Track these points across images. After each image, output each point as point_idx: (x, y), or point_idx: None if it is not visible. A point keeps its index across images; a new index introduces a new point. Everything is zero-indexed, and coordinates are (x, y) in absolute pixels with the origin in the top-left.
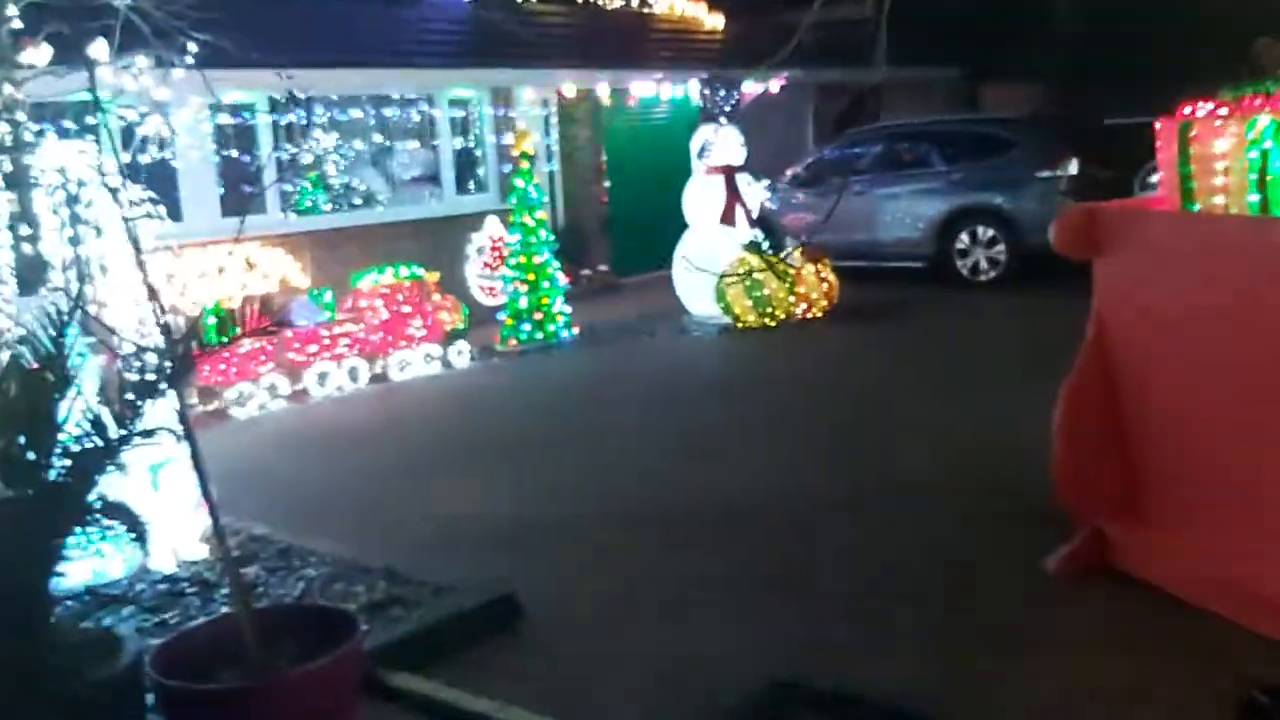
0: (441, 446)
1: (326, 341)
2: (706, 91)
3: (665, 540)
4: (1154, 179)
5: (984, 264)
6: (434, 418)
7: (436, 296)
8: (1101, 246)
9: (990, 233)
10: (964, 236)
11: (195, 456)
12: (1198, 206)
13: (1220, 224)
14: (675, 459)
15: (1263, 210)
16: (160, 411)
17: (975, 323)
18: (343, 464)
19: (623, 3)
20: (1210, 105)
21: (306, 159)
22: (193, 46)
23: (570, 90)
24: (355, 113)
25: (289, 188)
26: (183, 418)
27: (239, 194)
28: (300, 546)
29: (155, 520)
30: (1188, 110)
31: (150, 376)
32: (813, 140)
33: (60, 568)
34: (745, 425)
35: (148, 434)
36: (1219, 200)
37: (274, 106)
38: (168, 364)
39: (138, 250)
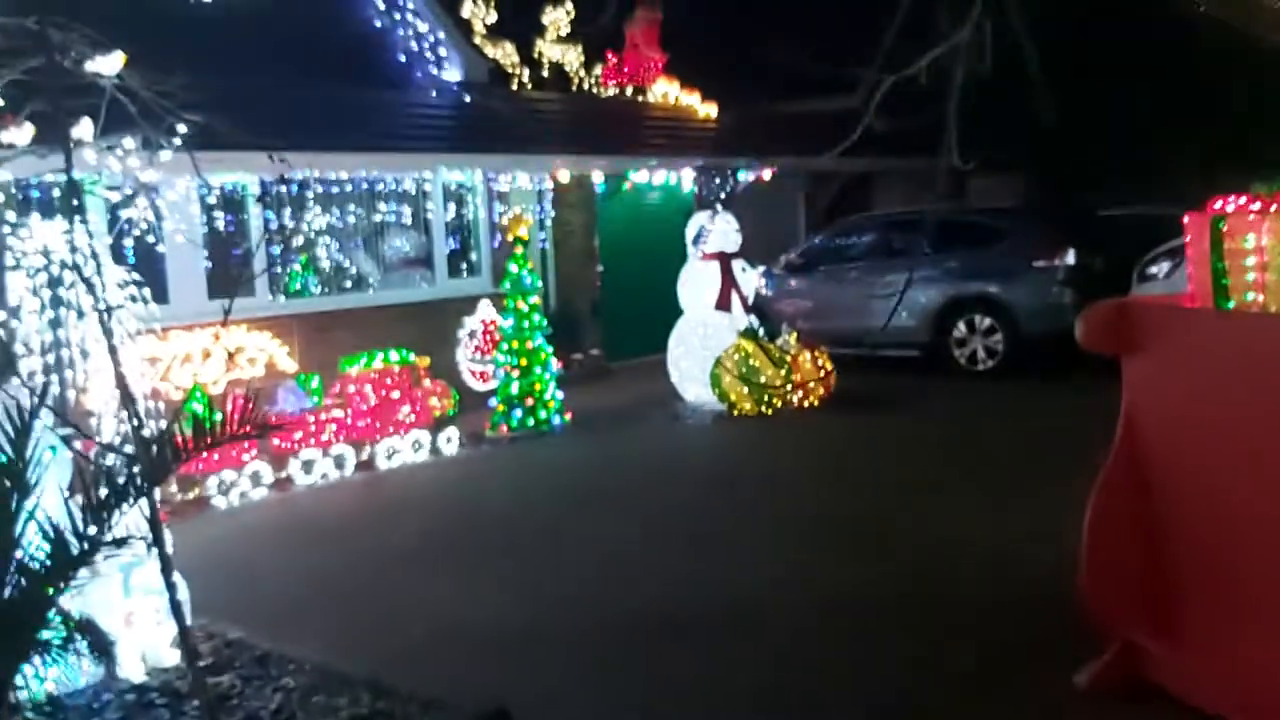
0: (431, 541)
1: (313, 428)
2: (703, 178)
3: (669, 647)
4: (1153, 270)
5: (981, 353)
6: (423, 510)
7: (426, 382)
8: (1133, 344)
9: (988, 322)
10: (961, 326)
11: (165, 567)
12: (1233, 304)
13: (1265, 324)
14: (678, 556)
15: None
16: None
17: (976, 414)
18: (326, 559)
19: (616, 91)
20: (1242, 200)
21: (297, 241)
22: (181, 127)
23: (564, 176)
24: (347, 196)
25: (279, 269)
26: (153, 522)
27: (227, 276)
28: (279, 653)
29: (124, 625)
30: (1219, 204)
31: (122, 480)
32: (804, 227)
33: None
34: (749, 520)
35: (118, 543)
36: (1256, 298)
37: (264, 190)
38: (141, 468)
39: (109, 339)
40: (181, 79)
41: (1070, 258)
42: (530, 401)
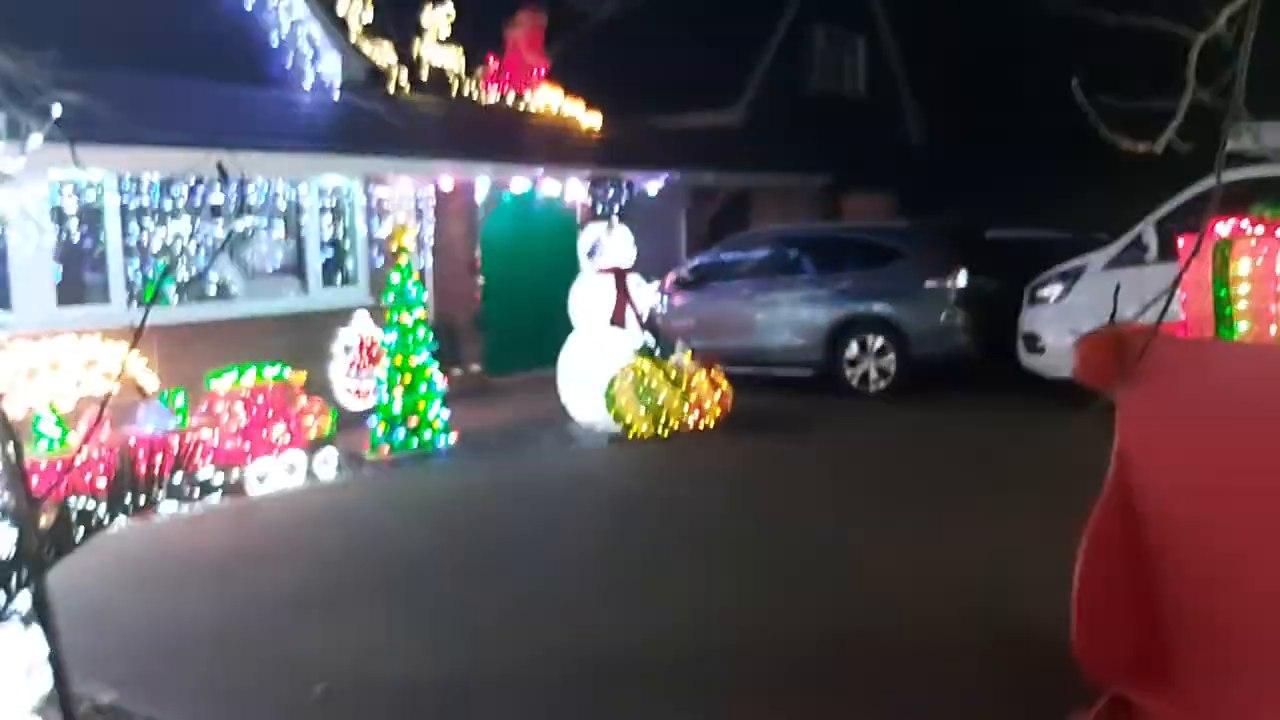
0: (318, 579)
1: (176, 450)
2: (598, 190)
3: (608, 704)
4: (1044, 293)
5: (874, 374)
6: (305, 543)
7: (302, 399)
8: (1130, 376)
9: (880, 342)
10: (854, 345)
11: (55, 654)
12: (1239, 331)
13: None
14: (597, 594)
15: None
16: None
17: (876, 436)
18: (203, 602)
19: (498, 97)
20: (1244, 224)
21: (156, 246)
22: (57, 109)
23: (447, 183)
24: (216, 196)
25: (136, 275)
26: (39, 600)
27: (79, 281)
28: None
29: None
30: (1220, 228)
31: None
32: (686, 243)
33: None
34: (667, 556)
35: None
36: (1272, 328)
37: (123, 189)
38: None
39: None
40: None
41: (962, 279)
42: (414, 421)
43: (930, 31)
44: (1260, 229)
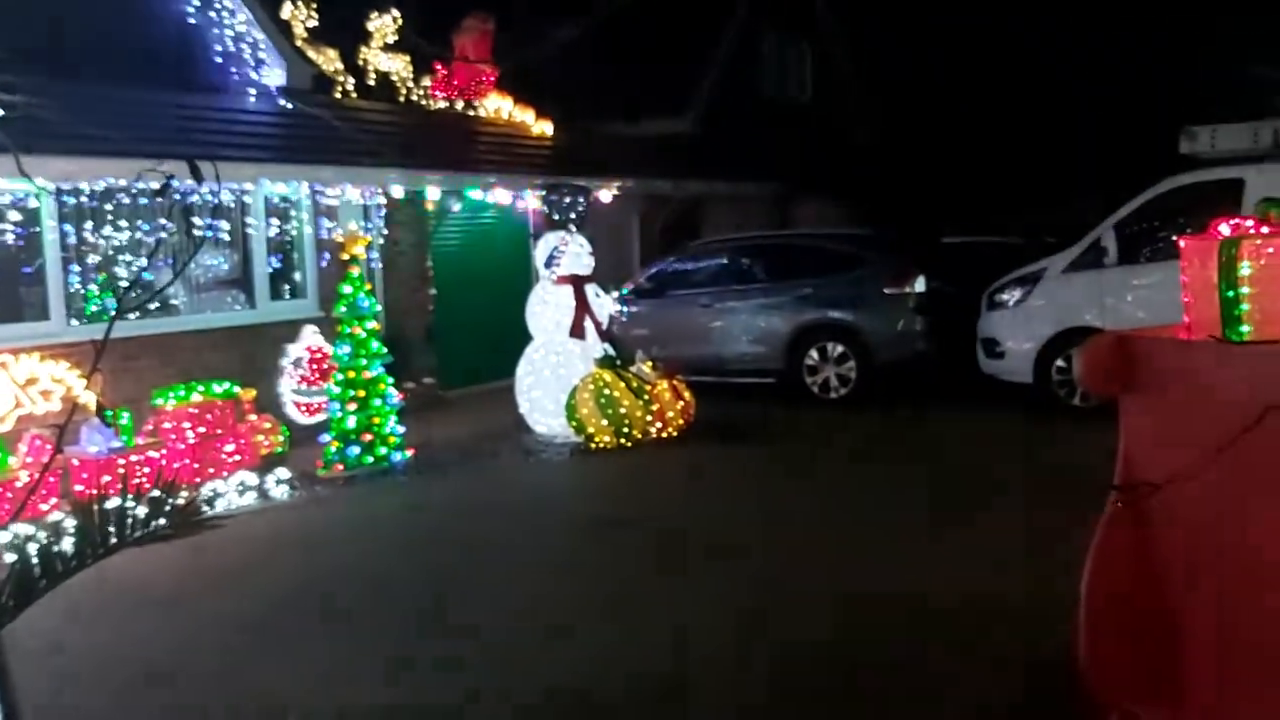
0: (274, 605)
1: (121, 471)
2: (553, 198)
3: None
4: (1003, 297)
5: (834, 381)
6: (260, 566)
7: (252, 416)
8: (1135, 382)
9: (840, 349)
10: (813, 353)
11: (9, 704)
12: (1245, 332)
13: None
14: (576, 621)
15: None
16: None
17: (840, 445)
18: (157, 634)
19: (446, 104)
20: (1248, 223)
21: (95, 258)
22: None
23: (398, 191)
24: (156, 209)
25: (76, 290)
26: None
27: (15, 297)
28: None
29: None
30: (1221, 227)
31: None
32: (639, 251)
33: None
34: (647, 574)
35: None
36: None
37: (61, 201)
38: None
39: None
40: None
41: (921, 284)
42: (368, 437)
43: (876, 37)
44: (1265, 229)
